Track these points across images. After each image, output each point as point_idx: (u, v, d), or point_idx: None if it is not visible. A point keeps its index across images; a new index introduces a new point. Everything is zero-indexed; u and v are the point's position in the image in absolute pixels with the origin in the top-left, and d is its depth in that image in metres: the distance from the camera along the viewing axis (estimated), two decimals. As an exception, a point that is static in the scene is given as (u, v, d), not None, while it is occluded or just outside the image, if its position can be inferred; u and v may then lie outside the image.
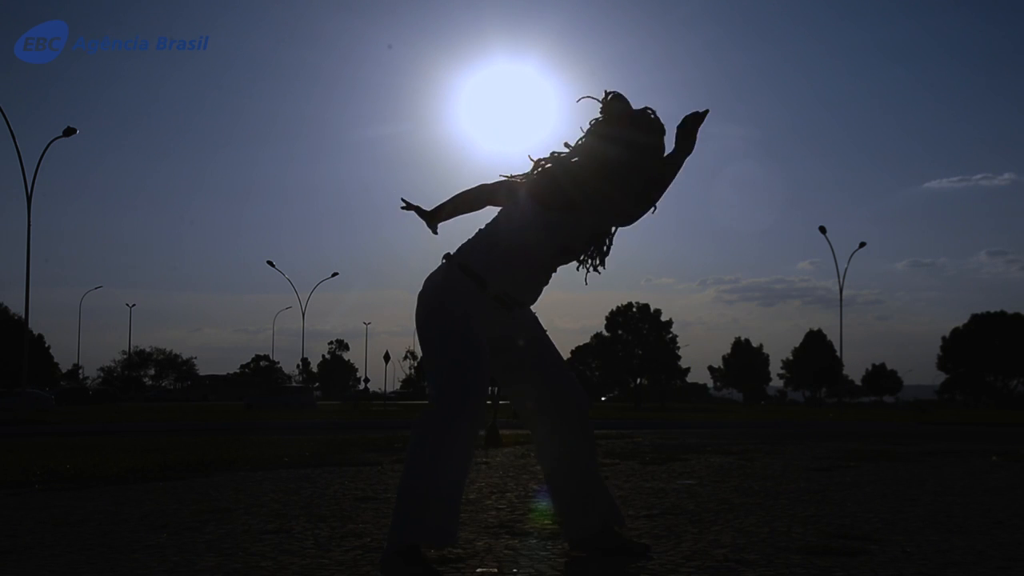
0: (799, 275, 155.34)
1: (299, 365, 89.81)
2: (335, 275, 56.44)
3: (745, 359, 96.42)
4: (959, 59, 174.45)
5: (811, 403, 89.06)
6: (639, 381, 79.62)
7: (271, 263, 51.04)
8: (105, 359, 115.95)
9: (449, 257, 2.83)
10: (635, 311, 78.16)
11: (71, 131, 26.93)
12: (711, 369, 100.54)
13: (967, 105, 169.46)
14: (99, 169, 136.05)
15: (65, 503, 4.49)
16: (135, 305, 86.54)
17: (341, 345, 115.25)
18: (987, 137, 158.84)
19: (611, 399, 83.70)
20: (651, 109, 2.86)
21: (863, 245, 44.73)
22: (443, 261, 2.85)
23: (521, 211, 2.78)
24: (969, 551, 3.07)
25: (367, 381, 71.27)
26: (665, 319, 78.17)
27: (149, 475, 5.84)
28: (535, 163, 2.86)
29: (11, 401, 32.56)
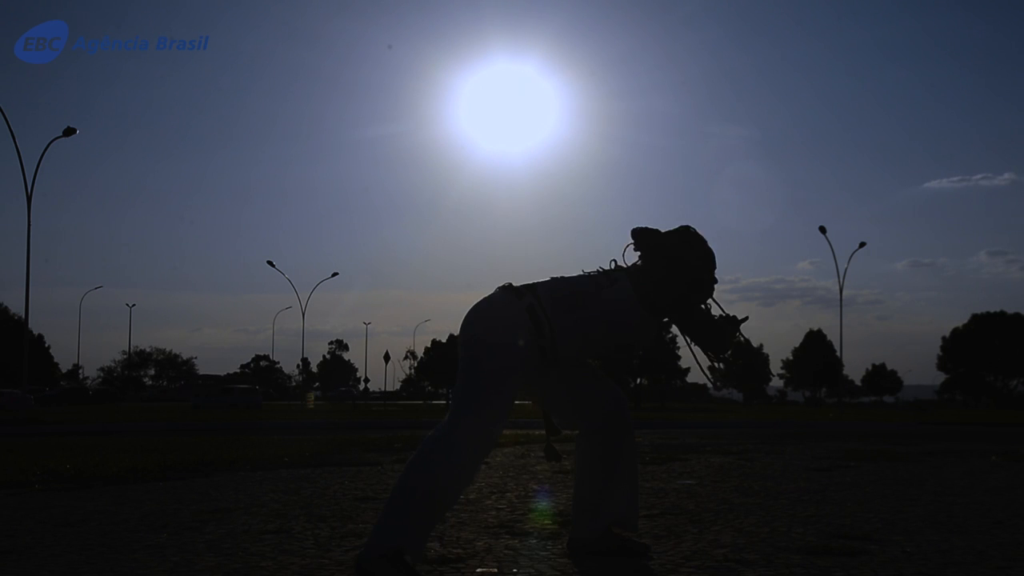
0: (799, 275, 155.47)
1: (299, 365, 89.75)
2: (335, 275, 56.36)
3: (745, 359, 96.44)
4: (959, 59, 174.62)
5: (811, 403, 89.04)
6: (639, 381, 79.63)
7: (271, 263, 50.99)
8: (105, 359, 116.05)
9: (516, 291, 2.74)
10: (635, 311, 78.08)
11: (71, 131, 26.92)
12: (711, 369, 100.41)
13: (967, 105, 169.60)
14: (99, 169, 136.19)
15: (65, 503, 4.49)
16: (135, 305, 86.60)
17: (341, 345, 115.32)
18: (987, 137, 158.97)
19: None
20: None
21: (863, 245, 44.70)
22: (504, 290, 2.76)
23: (617, 302, 2.80)
24: (969, 551, 3.07)
25: (367, 381, 71.28)
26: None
27: (149, 475, 5.84)
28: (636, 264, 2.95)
29: None
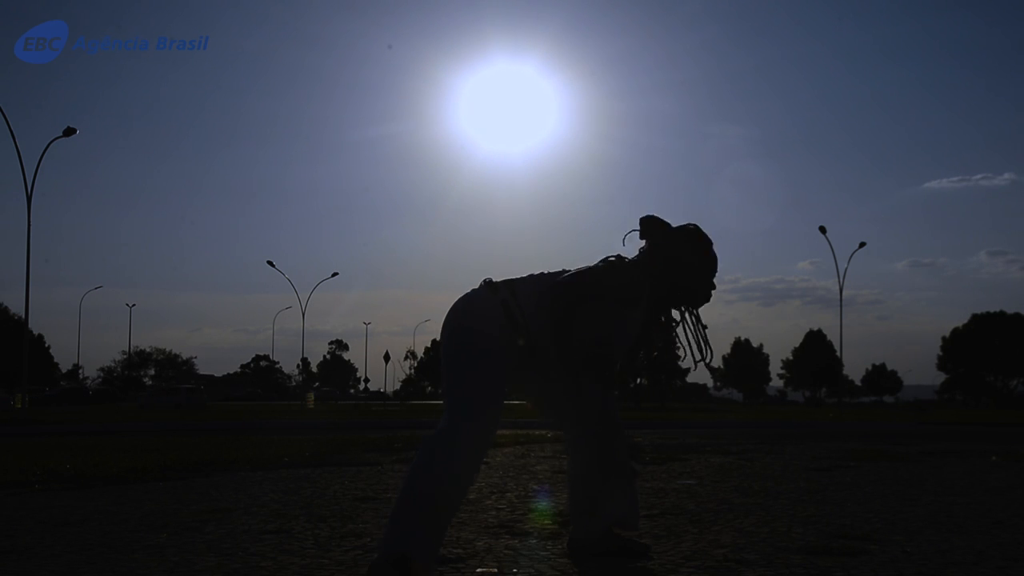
0: (799, 275, 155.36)
1: (299, 365, 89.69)
2: (335, 275, 56.32)
3: (745, 359, 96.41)
4: (959, 59, 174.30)
5: (811, 403, 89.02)
6: (639, 381, 79.66)
7: (271, 263, 50.96)
8: (105, 359, 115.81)
9: (492, 286, 2.77)
10: (635, 311, 78.13)
11: (71, 131, 26.92)
12: (711, 369, 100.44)
13: (967, 105, 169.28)
14: (99, 169, 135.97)
15: (65, 503, 4.49)
16: (135, 305, 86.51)
17: (341, 345, 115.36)
18: (987, 137, 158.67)
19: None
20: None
21: (863, 245, 44.74)
22: (484, 286, 2.78)
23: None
24: (969, 551, 3.07)
25: (367, 381, 71.25)
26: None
27: (149, 475, 5.84)
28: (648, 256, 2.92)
29: None
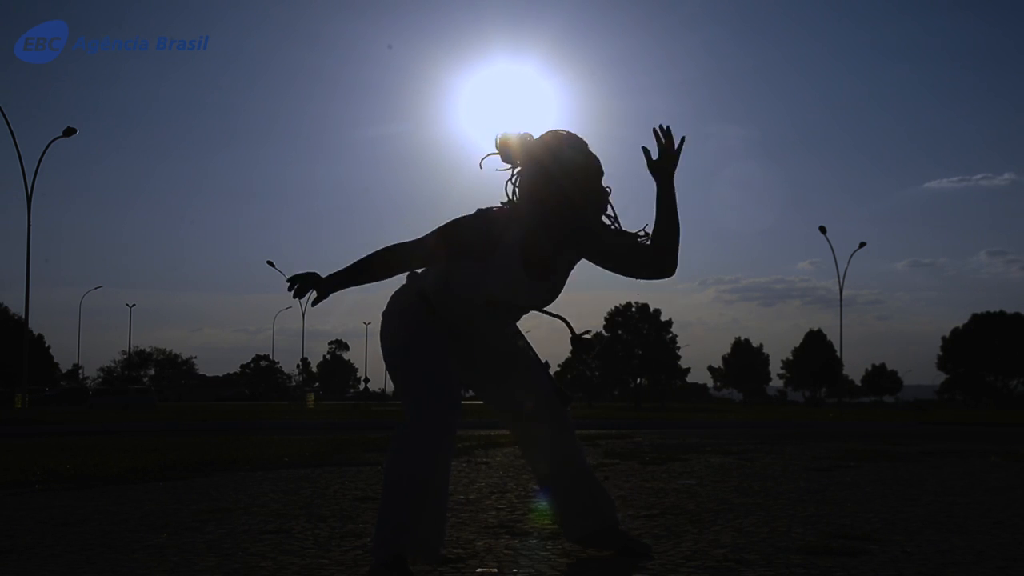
0: (799, 275, 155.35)
1: (299, 365, 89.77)
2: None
3: (745, 359, 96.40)
4: (959, 59, 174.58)
5: (811, 403, 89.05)
6: (639, 381, 79.61)
7: (271, 263, 50.96)
8: (105, 359, 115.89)
9: (414, 279, 2.79)
10: (634, 311, 78.16)
11: (71, 131, 26.94)
12: (711, 369, 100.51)
13: (967, 105, 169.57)
14: (99, 169, 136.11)
15: (65, 503, 4.49)
16: (135, 305, 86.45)
17: (341, 345, 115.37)
18: (987, 137, 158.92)
19: (611, 399, 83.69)
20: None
21: (863, 245, 44.78)
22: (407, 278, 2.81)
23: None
24: (969, 551, 3.06)
25: (367, 381, 71.24)
26: (665, 319, 78.23)
27: (149, 475, 5.83)
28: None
29: None
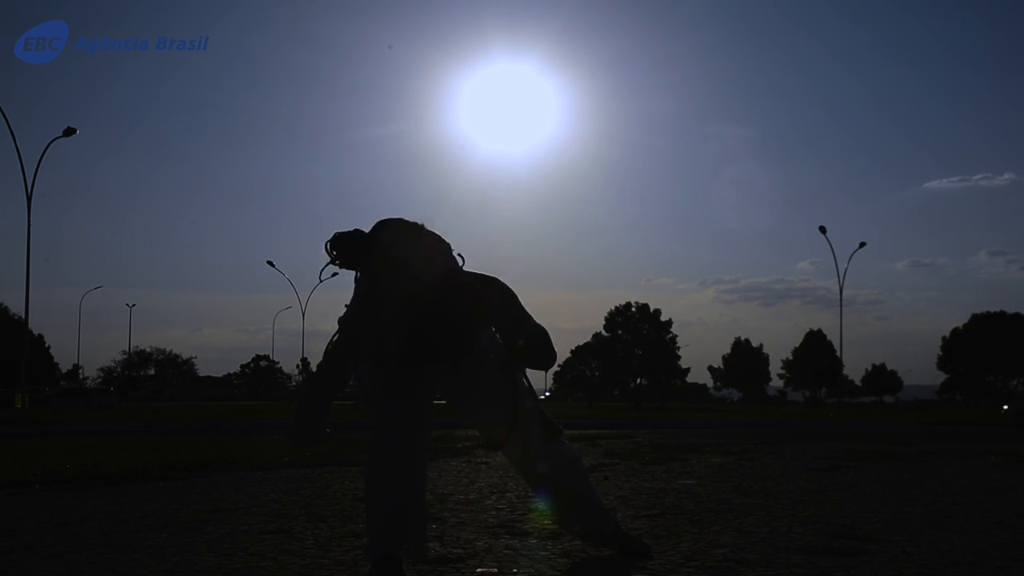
0: (799, 275, 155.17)
1: (299, 365, 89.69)
2: (335, 275, 56.19)
3: (745, 359, 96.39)
4: (959, 59, 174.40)
5: (811, 403, 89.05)
6: (639, 381, 79.60)
7: (271, 263, 51.09)
8: (105, 359, 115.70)
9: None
10: (635, 311, 78.15)
11: (71, 131, 26.94)
12: (711, 369, 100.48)
13: (967, 105, 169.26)
14: (99, 169, 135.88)
15: (65, 503, 4.49)
16: (135, 305, 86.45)
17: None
18: (987, 137, 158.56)
19: (611, 399, 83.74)
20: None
21: (863, 245, 44.76)
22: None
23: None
24: (969, 551, 3.07)
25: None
26: (665, 319, 78.15)
27: (149, 475, 5.84)
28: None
29: None
